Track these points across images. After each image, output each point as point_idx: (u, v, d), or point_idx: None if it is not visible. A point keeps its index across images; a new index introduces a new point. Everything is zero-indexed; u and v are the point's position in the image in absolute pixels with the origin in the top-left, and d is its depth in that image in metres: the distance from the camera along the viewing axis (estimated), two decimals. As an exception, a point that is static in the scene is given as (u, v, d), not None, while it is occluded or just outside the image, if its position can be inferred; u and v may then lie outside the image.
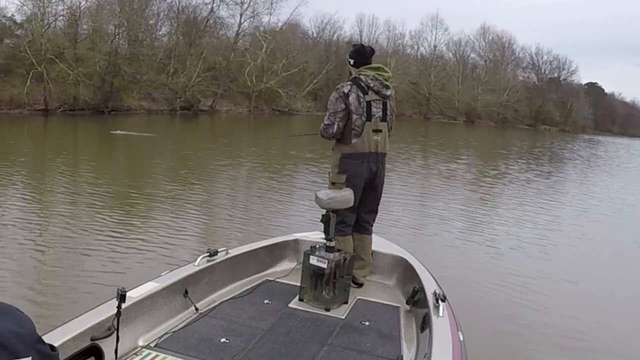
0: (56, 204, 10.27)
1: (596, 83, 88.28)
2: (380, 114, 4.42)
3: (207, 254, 4.07)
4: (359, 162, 4.42)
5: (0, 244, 7.40)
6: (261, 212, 10.69)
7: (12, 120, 28.76)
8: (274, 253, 4.78)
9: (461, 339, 3.33)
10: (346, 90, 4.38)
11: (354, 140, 4.40)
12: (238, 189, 13.67)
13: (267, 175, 15.47)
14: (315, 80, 51.50)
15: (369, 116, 4.37)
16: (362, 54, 4.54)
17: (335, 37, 61.21)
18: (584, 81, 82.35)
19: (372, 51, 4.61)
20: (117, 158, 18.58)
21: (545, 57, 75.88)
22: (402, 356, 3.34)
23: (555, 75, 76.96)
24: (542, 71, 76.58)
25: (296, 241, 4.92)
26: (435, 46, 67.87)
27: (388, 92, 4.46)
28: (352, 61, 4.56)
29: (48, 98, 32.02)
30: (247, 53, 47.20)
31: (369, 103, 4.38)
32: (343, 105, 4.37)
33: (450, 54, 69.92)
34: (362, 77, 4.44)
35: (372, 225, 4.70)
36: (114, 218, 9.25)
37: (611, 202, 15.88)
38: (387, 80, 4.48)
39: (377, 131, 4.41)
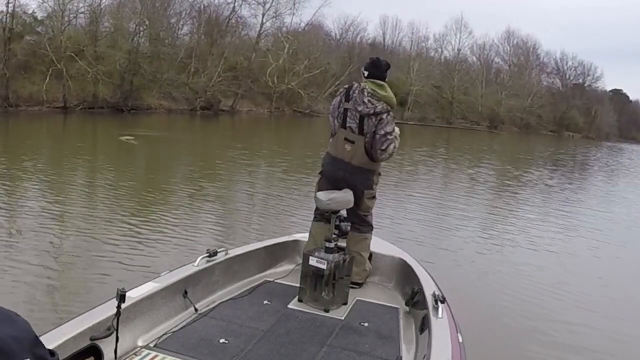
0: (77, 200, 10.35)
1: (621, 90, 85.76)
2: (356, 126, 4.34)
3: (207, 254, 4.01)
4: (329, 162, 4.51)
5: (23, 235, 7.67)
6: (289, 211, 10.57)
7: (32, 117, 28.51)
8: (274, 254, 4.72)
9: (461, 340, 3.30)
10: (340, 92, 4.51)
11: (330, 140, 4.53)
12: (267, 190, 13.46)
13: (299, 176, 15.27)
14: (337, 82, 50.17)
15: (343, 123, 4.38)
16: (376, 67, 4.45)
17: (358, 39, 59.94)
18: (609, 88, 79.79)
19: (388, 66, 4.51)
20: (139, 158, 18.17)
21: (570, 63, 73.62)
22: (401, 357, 3.31)
23: (580, 81, 74.87)
24: (567, 77, 74.47)
25: (296, 242, 4.86)
26: (459, 50, 65.96)
27: (361, 108, 4.32)
28: (366, 73, 4.46)
29: (67, 96, 31.62)
30: (269, 54, 46.10)
31: (345, 111, 4.37)
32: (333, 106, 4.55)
33: (475, 58, 68.09)
34: (355, 84, 4.45)
35: (361, 226, 4.58)
36: (138, 213, 9.47)
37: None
38: (379, 100, 4.32)
39: (349, 141, 4.37)
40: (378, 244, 4.80)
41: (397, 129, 4.46)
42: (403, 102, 57.13)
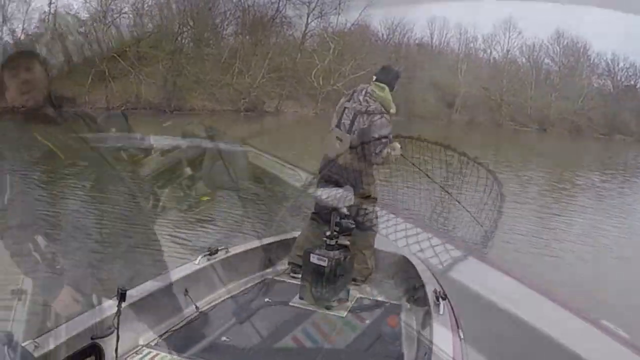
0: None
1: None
2: (348, 123, 4.37)
3: (208, 252, 3.97)
4: (322, 159, 4.59)
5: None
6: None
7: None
8: (274, 251, 4.63)
9: (461, 336, 3.26)
10: (348, 93, 4.64)
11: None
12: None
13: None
14: (383, 83, 48.77)
15: (339, 122, 4.49)
16: (385, 74, 4.59)
17: (405, 39, 57.87)
18: (661, 89, 76.45)
19: (398, 75, 4.68)
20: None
21: (621, 64, 69.91)
22: (402, 354, 3.24)
23: (632, 82, 71.37)
24: (618, 78, 70.92)
25: (295, 239, 4.70)
26: (508, 50, 63.21)
27: (354, 105, 4.36)
28: (374, 77, 4.51)
29: (109, 96, 30.74)
30: (314, 54, 44.44)
31: (344, 109, 4.46)
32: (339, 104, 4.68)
33: (524, 59, 65.34)
34: (362, 86, 4.57)
35: (361, 224, 4.50)
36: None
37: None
38: (375, 100, 4.34)
39: (338, 139, 4.41)
40: (379, 241, 4.71)
41: (397, 145, 4.33)
42: (450, 104, 55.25)
